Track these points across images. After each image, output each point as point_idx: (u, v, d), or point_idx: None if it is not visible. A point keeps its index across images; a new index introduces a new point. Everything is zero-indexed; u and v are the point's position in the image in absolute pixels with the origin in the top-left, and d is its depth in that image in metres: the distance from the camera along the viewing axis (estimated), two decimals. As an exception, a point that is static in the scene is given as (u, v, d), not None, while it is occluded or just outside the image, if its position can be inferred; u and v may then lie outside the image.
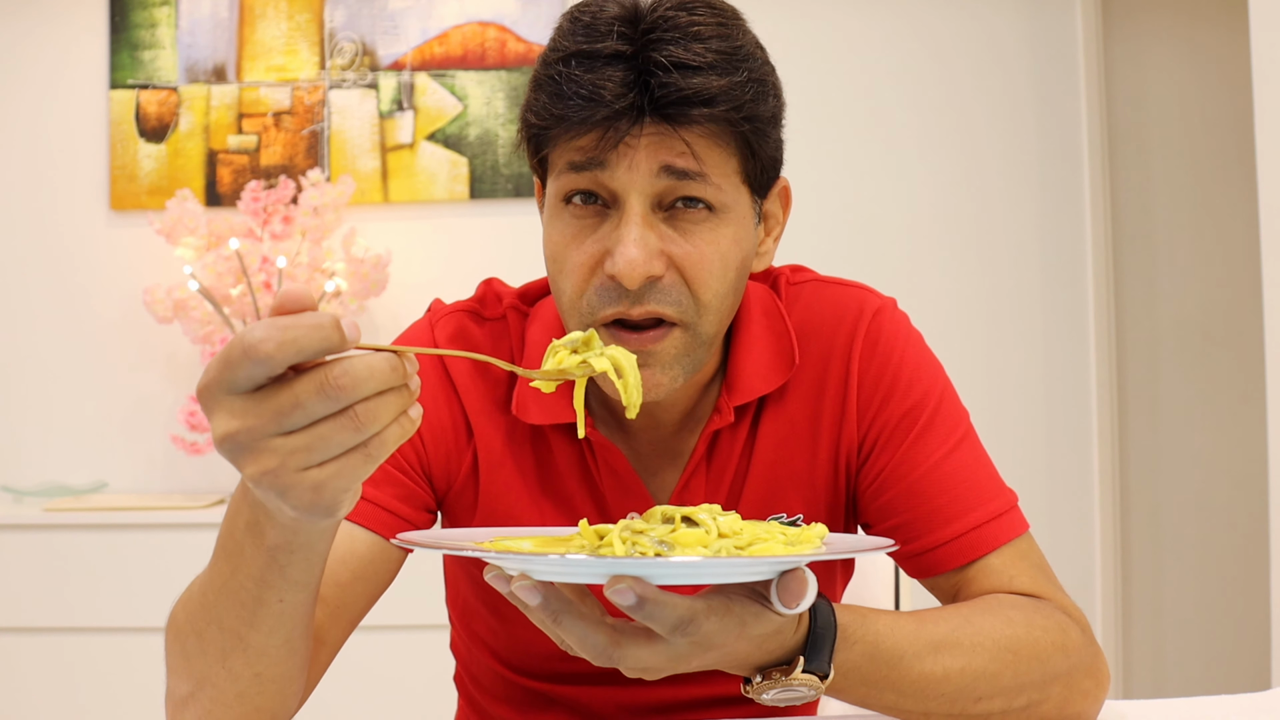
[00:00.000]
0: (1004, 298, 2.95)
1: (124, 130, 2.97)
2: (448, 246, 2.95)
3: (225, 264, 2.75)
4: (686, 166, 0.91)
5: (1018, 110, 2.95)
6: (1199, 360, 3.03)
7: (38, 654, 2.56)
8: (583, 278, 0.94)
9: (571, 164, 0.93)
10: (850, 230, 2.95)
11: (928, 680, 0.87)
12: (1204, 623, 3.02)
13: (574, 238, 0.95)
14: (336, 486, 0.66)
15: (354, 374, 0.63)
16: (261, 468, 0.64)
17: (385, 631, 2.43)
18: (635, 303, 0.92)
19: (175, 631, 0.87)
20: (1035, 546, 1.03)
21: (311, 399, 0.63)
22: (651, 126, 0.90)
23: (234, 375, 0.63)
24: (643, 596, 0.71)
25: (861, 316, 1.07)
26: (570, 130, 0.91)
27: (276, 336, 0.62)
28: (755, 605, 0.77)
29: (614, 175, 0.91)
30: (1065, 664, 0.93)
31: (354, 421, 0.64)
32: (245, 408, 0.63)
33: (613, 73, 0.89)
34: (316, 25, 2.98)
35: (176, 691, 0.88)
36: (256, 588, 0.79)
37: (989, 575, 0.99)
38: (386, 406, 0.64)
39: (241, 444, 0.64)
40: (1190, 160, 3.03)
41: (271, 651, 0.83)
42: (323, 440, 0.64)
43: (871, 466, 1.05)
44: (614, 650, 0.75)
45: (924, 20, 2.96)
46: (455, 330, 1.08)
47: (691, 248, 0.93)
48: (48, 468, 2.96)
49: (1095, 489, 2.91)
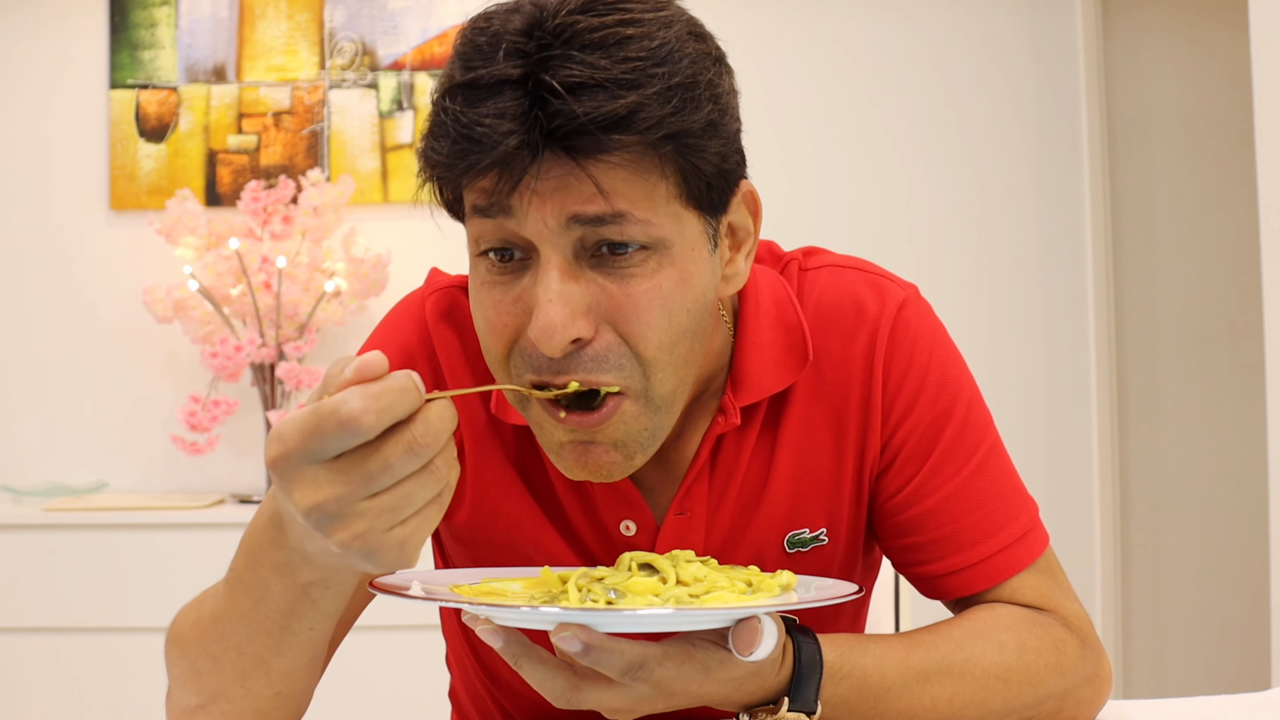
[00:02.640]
0: (1004, 297, 2.95)
1: (124, 130, 2.97)
2: (448, 246, 2.95)
3: (225, 264, 2.75)
4: (598, 211, 0.77)
5: (1018, 110, 2.95)
6: (1199, 360, 3.03)
7: (38, 654, 2.56)
8: (506, 339, 0.82)
9: (476, 207, 0.80)
10: (850, 230, 2.94)
11: (915, 710, 0.87)
12: (1204, 623, 3.02)
13: (490, 293, 0.82)
14: (418, 541, 0.66)
15: (434, 430, 0.63)
16: (352, 533, 0.64)
17: (383, 632, 2.43)
18: (558, 372, 0.80)
19: (181, 648, 0.87)
20: (1054, 558, 0.99)
21: (400, 460, 0.63)
22: (553, 164, 0.76)
23: (323, 445, 0.63)
24: (588, 644, 0.72)
25: (884, 311, 0.96)
26: (462, 176, 0.79)
27: (374, 406, 0.62)
28: (720, 651, 0.77)
29: (522, 224, 0.78)
30: (1060, 684, 0.92)
31: (434, 475, 0.64)
32: (332, 477, 0.63)
33: (500, 104, 0.76)
34: (316, 25, 2.98)
35: (184, 701, 0.88)
36: (284, 619, 0.79)
37: (999, 592, 0.97)
38: (448, 457, 0.65)
39: (331, 513, 0.64)
40: (1190, 160, 3.03)
41: (294, 673, 0.84)
42: (408, 498, 0.64)
43: (894, 477, 0.97)
44: (573, 694, 0.75)
45: (924, 20, 2.96)
46: (449, 306, 1.00)
47: (625, 298, 0.79)
48: (48, 468, 2.96)
49: (1095, 489, 2.91)
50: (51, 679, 2.56)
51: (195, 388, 2.87)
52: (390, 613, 2.45)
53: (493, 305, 0.82)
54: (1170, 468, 3.04)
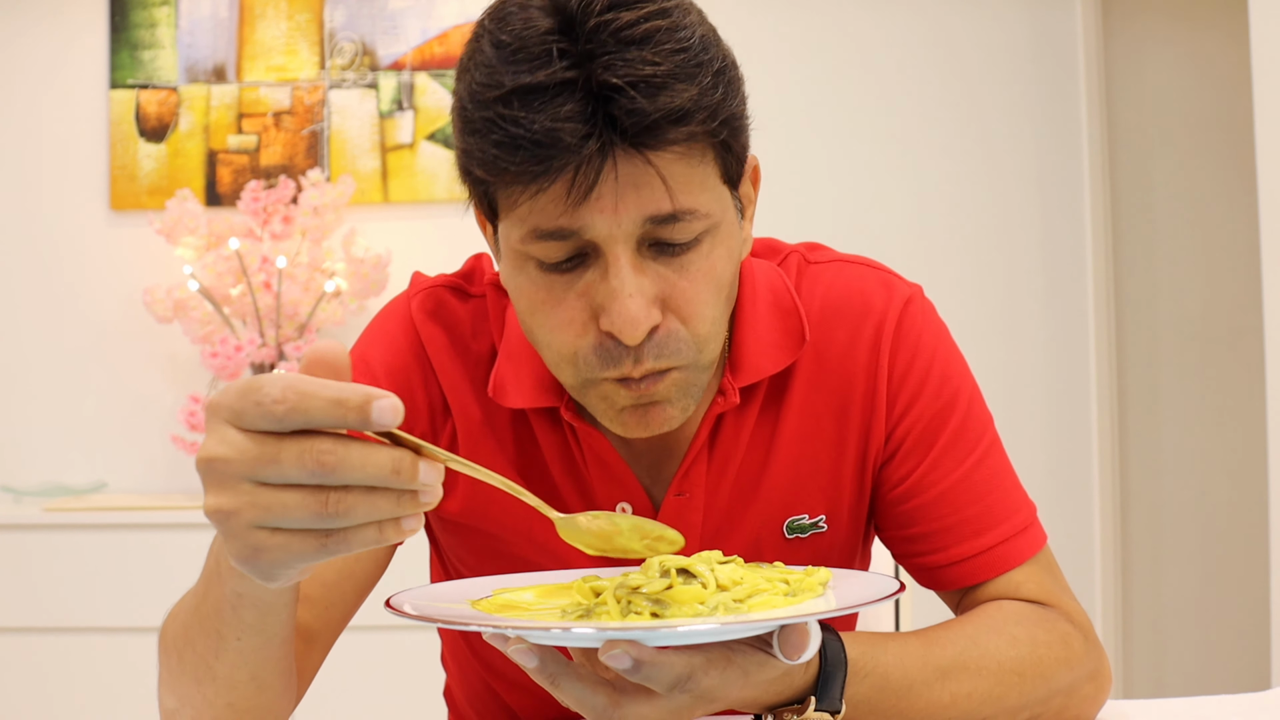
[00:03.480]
0: (1004, 297, 2.95)
1: (124, 130, 2.97)
2: (448, 246, 2.95)
3: (225, 264, 2.75)
4: (670, 210, 0.80)
5: (1018, 110, 2.95)
6: (1199, 360, 3.03)
7: (37, 654, 2.56)
8: (573, 336, 0.84)
9: (538, 231, 0.81)
10: (850, 228, 2.94)
11: (936, 707, 0.86)
12: (1204, 623, 3.02)
13: (550, 293, 0.83)
14: (276, 559, 0.62)
15: (341, 458, 0.59)
16: (219, 504, 0.61)
17: (380, 632, 2.43)
18: (637, 362, 0.83)
19: (163, 645, 0.87)
20: (1051, 556, 1.01)
21: (290, 463, 0.59)
22: (625, 163, 0.78)
23: (242, 410, 0.60)
24: (638, 660, 0.70)
25: (891, 303, 0.99)
26: (529, 184, 0.78)
27: (292, 400, 0.58)
28: (758, 654, 0.75)
29: (591, 227, 0.79)
30: (1068, 678, 0.93)
31: (321, 505, 0.60)
32: (235, 441, 0.60)
33: (565, 107, 0.76)
34: (316, 25, 2.98)
35: (164, 702, 0.88)
36: (216, 621, 0.78)
37: (1000, 585, 0.98)
38: (368, 505, 0.60)
39: (215, 472, 0.61)
40: (1190, 160, 3.03)
41: (240, 686, 0.82)
42: (282, 507, 0.60)
43: (897, 468, 0.99)
44: (614, 711, 0.73)
45: (923, 20, 2.96)
46: (435, 306, 1.00)
47: (688, 284, 0.83)
48: (48, 468, 2.96)
49: (1095, 489, 2.91)
50: (51, 679, 2.56)
51: (195, 388, 2.87)
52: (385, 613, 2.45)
53: (555, 305, 0.83)
54: (1170, 468, 3.04)
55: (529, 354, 0.95)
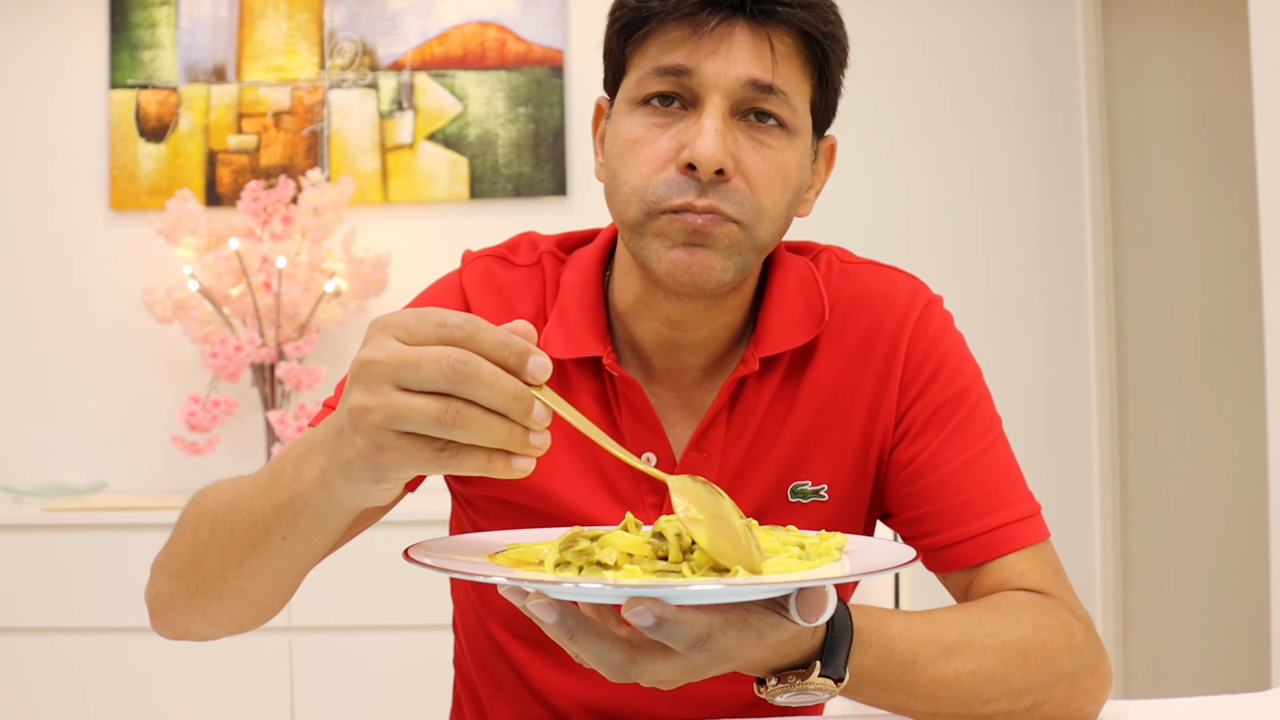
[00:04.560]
0: (1004, 298, 2.95)
1: (124, 130, 2.97)
2: (448, 246, 2.95)
3: (225, 264, 2.75)
4: (772, 81, 0.93)
5: (1018, 110, 2.95)
6: (1199, 360, 3.03)
7: (38, 654, 2.56)
8: (653, 169, 0.95)
9: (656, 68, 0.94)
10: (850, 228, 2.94)
11: (939, 683, 0.87)
12: (1204, 623, 3.02)
13: (648, 131, 0.96)
14: (393, 460, 0.67)
15: (475, 369, 0.65)
16: (361, 401, 0.67)
17: (381, 632, 2.43)
18: (701, 195, 0.93)
19: (197, 512, 0.90)
20: (1054, 552, 1.03)
21: (430, 365, 0.65)
22: (743, 25, 0.92)
23: (415, 326, 0.66)
24: (661, 617, 0.70)
25: (915, 300, 1.08)
26: (663, 19, 0.93)
27: (473, 322, 0.66)
28: (772, 616, 0.76)
29: (700, 79, 0.93)
30: (1070, 664, 0.94)
31: (443, 411, 0.65)
32: (389, 347, 0.66)
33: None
34: (316, 25, 2.98)
35: (172, 561, 0.91)
36: (271, 516, 0.81)
37: (1003, 571, 1.00)
38: (484, 424, 0.65)
39: (366, 374, 0.67)
40: (1190, 160, 3.03)
41: (260, 579, 0.86)
42: (410, 409, 0.65)
43: (906, 450, 1.05)
44: (631, 667, 0.73)
45: (924, 20, 2.97)
46: (483, 274, 1.09)
47: (761, 159, 0.95)
48: (48, 468, 2.96)
49: (1095, 489, 2.91)
50: (51, 679, 2.56)
51: (195, 388, 2.87)
52: (388, 613, 2.45)
53: (648, 144, 0.95)
54: (1170, 468, 3.04)
55: (579, 310, 1.05)
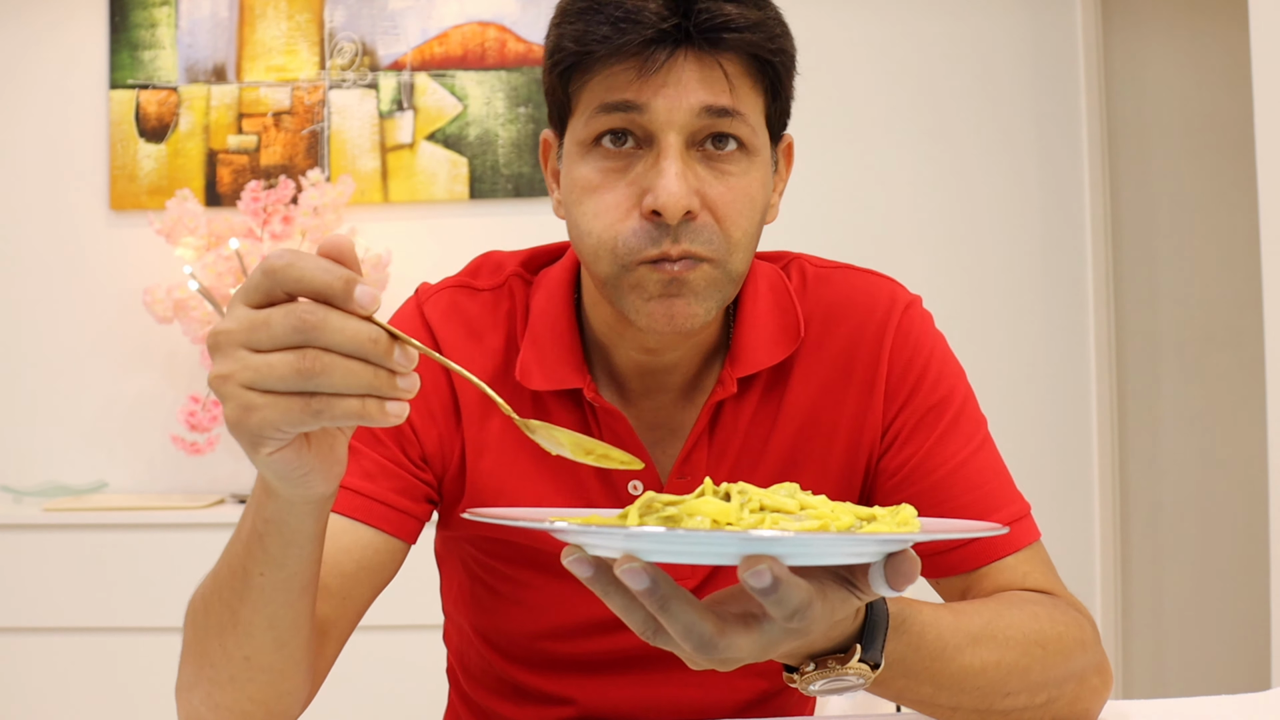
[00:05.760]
0: (1004, 298, 2.95)
1: (124, 130, 2.97)
2: (448, 246, 2.95)
3: (225, 264, 2.75)
4: (727, 104, 0.90)
5: (1018, 110, 2.95)
6: (1199, 361, 3.03)
7: (38, 654, 2.56)
8: (617, 217, 0.92)
9: (604, 105, 0.91)
10: (850, 229, 2.94)
11: (965, 673, 0.86)
12: (1204, 623, 3.02)
13: (605, 177, 0.93)
14: (264, 418, 0.65)
15: (322, 318, 0.63)
16: (219, 370, 0.66)
17: (379, 631, 2.42)
18: (675, 241, 0.90)
19: (191, 612, 0.89)
20: (1047, 553, 1.03)
21: (278, 321, 0.63)
22: (692, 56, 0.89)
23: (250, 283, 0.65)
24: (778, 578, 0.63)
25: (894, 305, 1.05)
26: (607, 59, 0.89)
27: (289, 259, 0.64)
28: (842, 590, 0.70)
29: (652, 115, 0.90)
30: (1083, 661, 0.94)
31: (303, 363, 0.63)
32: (239, 315, 0.65)
33: (653, 2, 0.88)
34: (316, 25, 2.98)
35: (183, 677, 0.89)
36: (244, 558, 0.80)
37: (1003, 573, 0.99)
38: (345, 370, 0.63)
39: (218, 344, 0.66)
40: (1190, 160, 3.03)
41: (257, 634, 0.83)
42: (268, 366, 0.64)
43: (893, 458, 1.03)
44: (719, 639, 0.66)
45: (923, 21, 2.96)
46: (447, 307, 1.05)
47: (725, 188, 0.92)
48: (48, 468, 2.96)
49: (1095, 489, 2.91)
50: (51, 679, 2.56)
51: (195, 388, 2.87)
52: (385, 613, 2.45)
53: (607, 190, 0.93)
54: (1170, 468, 3.04)
55: (553, 339, 1.02)
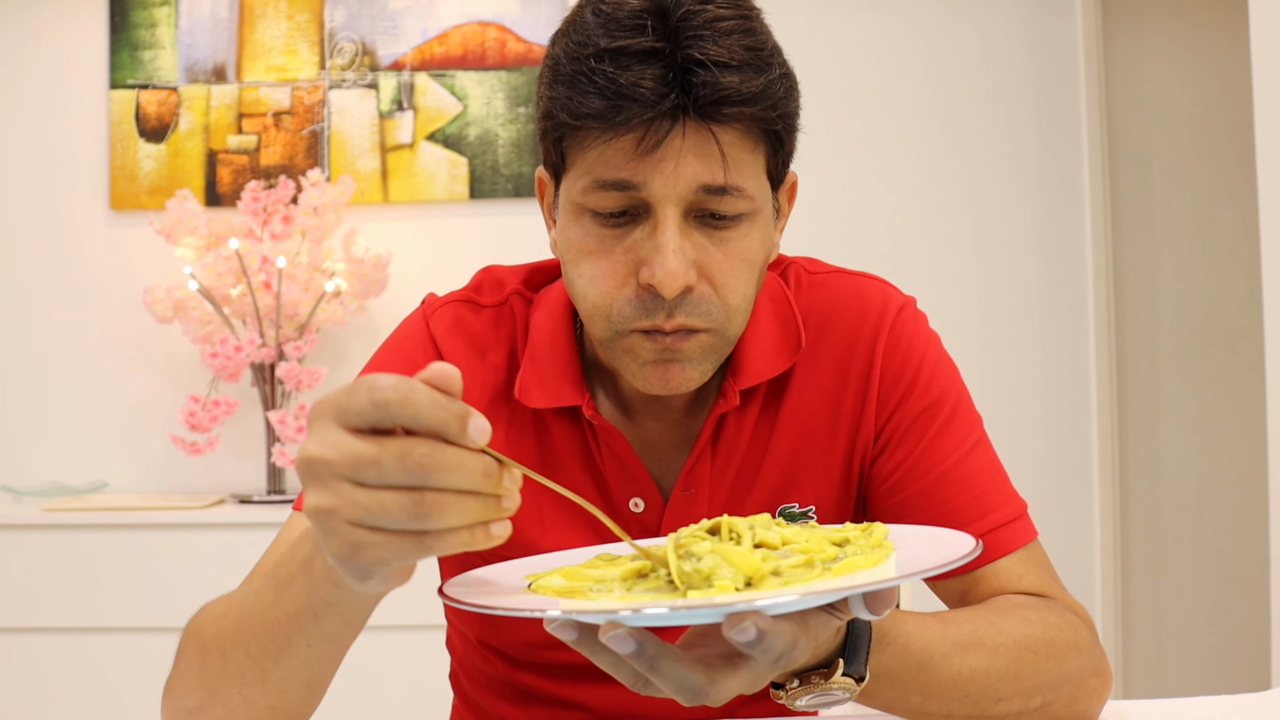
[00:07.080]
0: (1004, 298, 2.95)
1: (124, 130, 2.97)
2: (448, 246, 2.95)
3: (225, 264, 2.75)
4: (724, 183, 0.88)
5: (1017, 110, 2.95)
6: (1199, 360, 3.03)
7: (38, 654, 2.56)
8: (612, 286, 0.91)
9: (600, 182, 0.89)
10: (851, 229, 2.94)
11: (954, 681, 0.86)
12: (1204, 623, 3.02)
13: (601, 242, 0.91)
14: (375, 556, 0.63)
15: (438, 460, 0.61)
16: (319, 503, 0.63)
17: (382, 632, 2.42)
18: (669, 315, 0.90)
19: (199, 644, 0.86)
20: (1044, 552, 1.03)
21: (390, 463, 0.61)
22: (691, 130, 0.87)
23: (349, 404, 0.62)
24: (762, 630, 0.65)
25: (886, 310, 1.06)
26: (605, 131, 0.87)
27: (403, 392, 0.61)
28: (823, 615, 0.72)
29: (649, 191, 0.88)
30: (1078, 664, 0.93)
31: (419, 506, 0.61)
32: (337, 441, 0.63)
33: (649, 71, 0.86)
34: (316, 25, 2.98)
35: (184, 699, 0.87)
36: (289, 626, 0.78)
37: (999, 576, 0.99)
38: (459, 507, 0.62)
39: (315, 473, 0.63)
40: (1190, 160, 3.03)
41: (290, 691, 0.83)
42: (381, 508, 0.62)
43: (887, 462, 1.03)
44: (710, 687, 0.68)
45: (923, 20, 2.96)
46: (452, 320, 1.06)
47: (723, 256, 0.91)
48: (48, 468, 2.96)
49: (1095, 489, 2.91)
50: (51, 679, 2.56)
51: (195, 388, 2.87)
52: (387, 613, 2.45)
53: (602, 256, 0.92)
54: (1170, 468, 3.04)
55: (552, 357, 1.02)
